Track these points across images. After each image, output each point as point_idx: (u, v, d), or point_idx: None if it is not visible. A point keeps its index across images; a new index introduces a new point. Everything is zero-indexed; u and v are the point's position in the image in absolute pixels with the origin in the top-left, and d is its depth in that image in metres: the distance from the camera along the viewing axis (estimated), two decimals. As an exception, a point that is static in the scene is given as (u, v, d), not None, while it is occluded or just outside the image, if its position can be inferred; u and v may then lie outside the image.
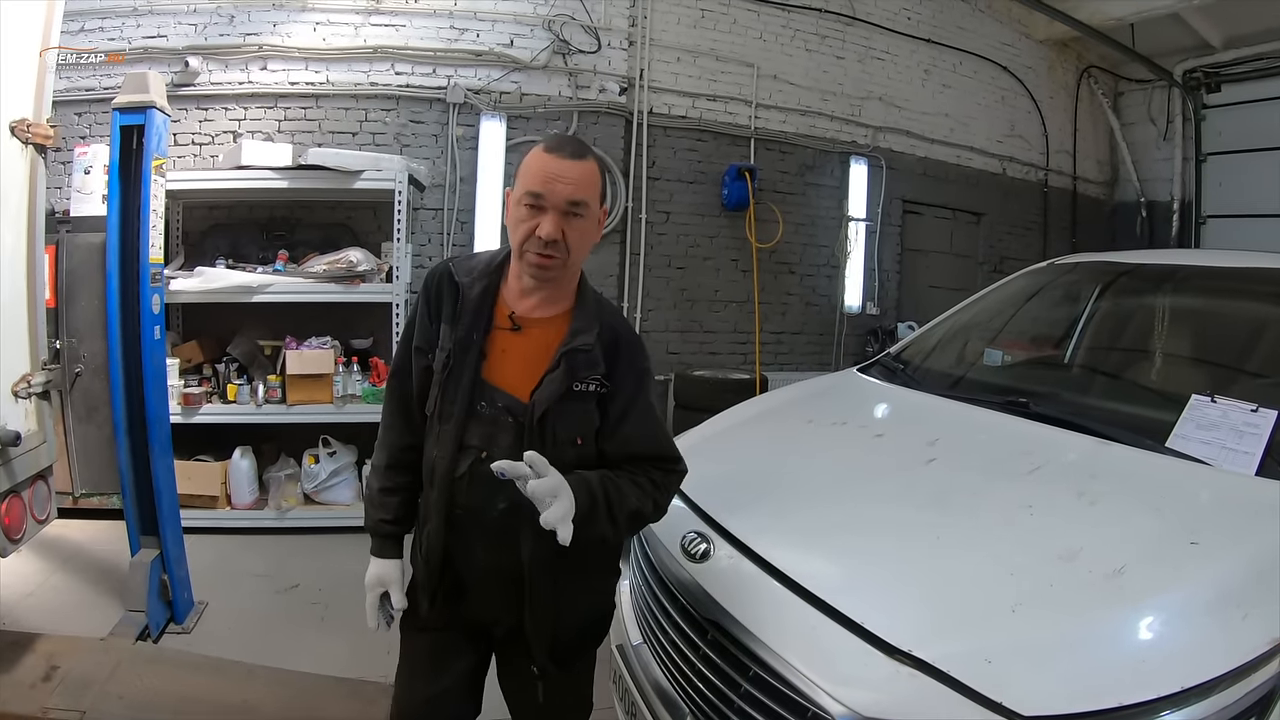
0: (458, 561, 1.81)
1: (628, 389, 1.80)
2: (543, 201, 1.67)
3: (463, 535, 1.79)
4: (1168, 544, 1.71)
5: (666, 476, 1.84)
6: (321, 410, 4.89)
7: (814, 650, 1.63)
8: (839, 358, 7.36)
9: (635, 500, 1.74)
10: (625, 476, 1.76)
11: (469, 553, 1.80)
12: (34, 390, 2.86)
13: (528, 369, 1.75)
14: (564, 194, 1.67)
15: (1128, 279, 3.33)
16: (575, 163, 1.69)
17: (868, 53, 7.40)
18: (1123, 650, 1.50)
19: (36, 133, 2.82)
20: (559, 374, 1.72)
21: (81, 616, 3.59)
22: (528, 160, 1.72)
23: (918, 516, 1.97)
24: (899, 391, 2.95)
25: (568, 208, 1.68)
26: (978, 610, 1.60)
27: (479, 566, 1.81)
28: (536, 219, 1.68)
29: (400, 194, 4.91)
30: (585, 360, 1.75)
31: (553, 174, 1.67)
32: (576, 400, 1.75)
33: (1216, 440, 2.08)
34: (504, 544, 1.75)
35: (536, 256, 1.70)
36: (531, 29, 5.98)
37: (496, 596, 1.82)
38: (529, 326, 1.79)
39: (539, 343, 1.77)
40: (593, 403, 1.77)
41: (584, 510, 1.63)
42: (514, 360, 1.77)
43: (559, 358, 1.73)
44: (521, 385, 1.74)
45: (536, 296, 1.79)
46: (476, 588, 1.84)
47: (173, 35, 5.49)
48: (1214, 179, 8.70)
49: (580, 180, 1.69)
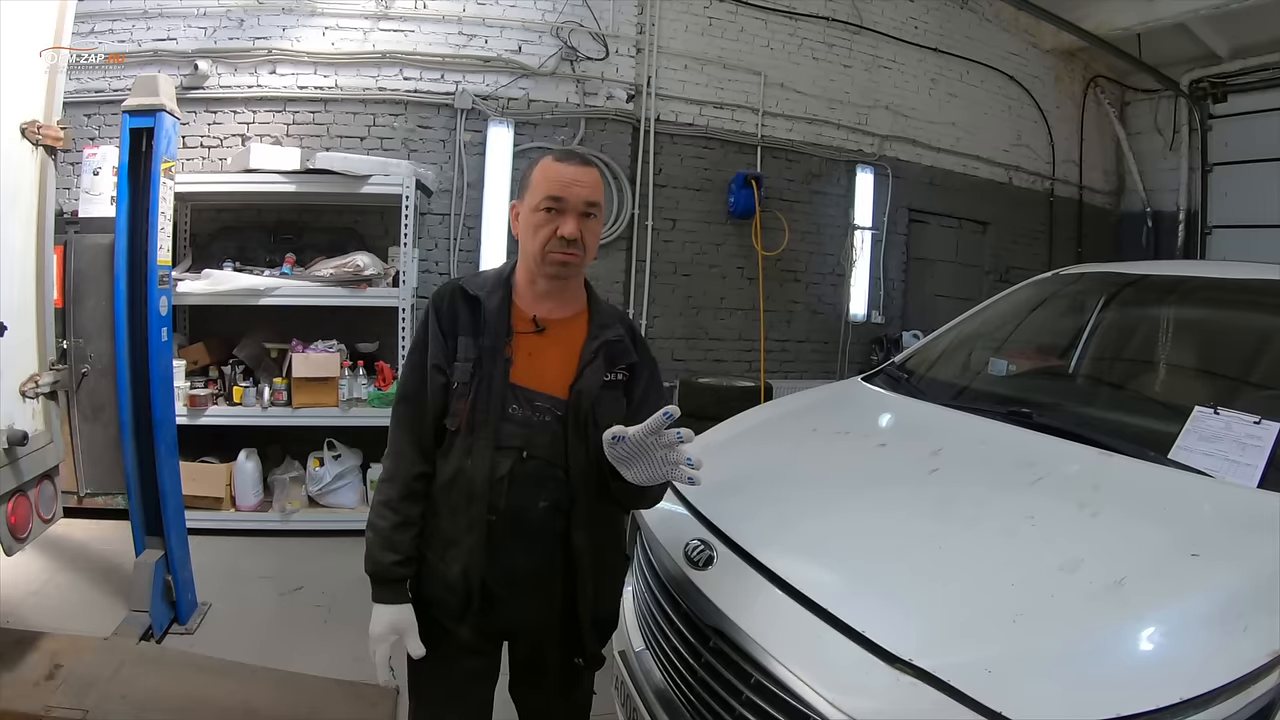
0: (489, 572, 1.81)
1: (645, 374, 1.96)
2: (563, 205, 1.80)
3: (499, 542, 1.79)
4: (1169, 556, 1.70)
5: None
6: (327, 413, 4.91)
7: (815, 658, 1.63)
8: (844, 366, 7.37)
9: None
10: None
11: (507, 558, 1.80)
12: (41, 390, 2.87)
13: (556, 367, 1.85)
14: (582, 195, 1.81)
15: (1133, 290, 3.32)
16: (586, 168, 1.84)
17: (875, 61, 7.43)
18: (1123, 661, 1.49)
19: (47, 134, 2.83)
20: (598, 365, 1.85)
21: (85, 616, 3.60)
22: (540, 171, 1.85)
23: (920, 526, 1.97)
24: (903, 401, 2.95)
25: (585, 208, 1.82)
26: (979, 620, 1.59)
27: (518, 571, 1.82)
28: (557, 221, 1.80)
29: (407, 199, 4.92)
30: (620, 350, 1.90)
31: (570, 179, 1.81)
32: (611, 389, 1.88)
33: (1219, 452, 2.06)
34: (545, 543, 1.82)
35: (560, 254, 1.81)
36: (540, 35, 6.01)
37: (535, 598, 1.85)
38: (551, 328, 1.88)
39: (561, 342, 1.88)
40: (621, 390, 1.90)
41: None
42: (543, 361, 1.86)
43: (596, 350, 1.86)
44: (555, 382, 1.84)
45: (551, 301, 1.90)
46: (512, 594, 1.84)
47: (183, 38, 5.54)
48: (1220, 189, 8.71)
49: (593, 184, 1.84)
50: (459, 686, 1.95)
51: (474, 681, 1.96)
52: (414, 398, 1.87)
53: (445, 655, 1.92)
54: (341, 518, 5.00)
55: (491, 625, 1.88)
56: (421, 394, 1.85)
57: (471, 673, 1.95)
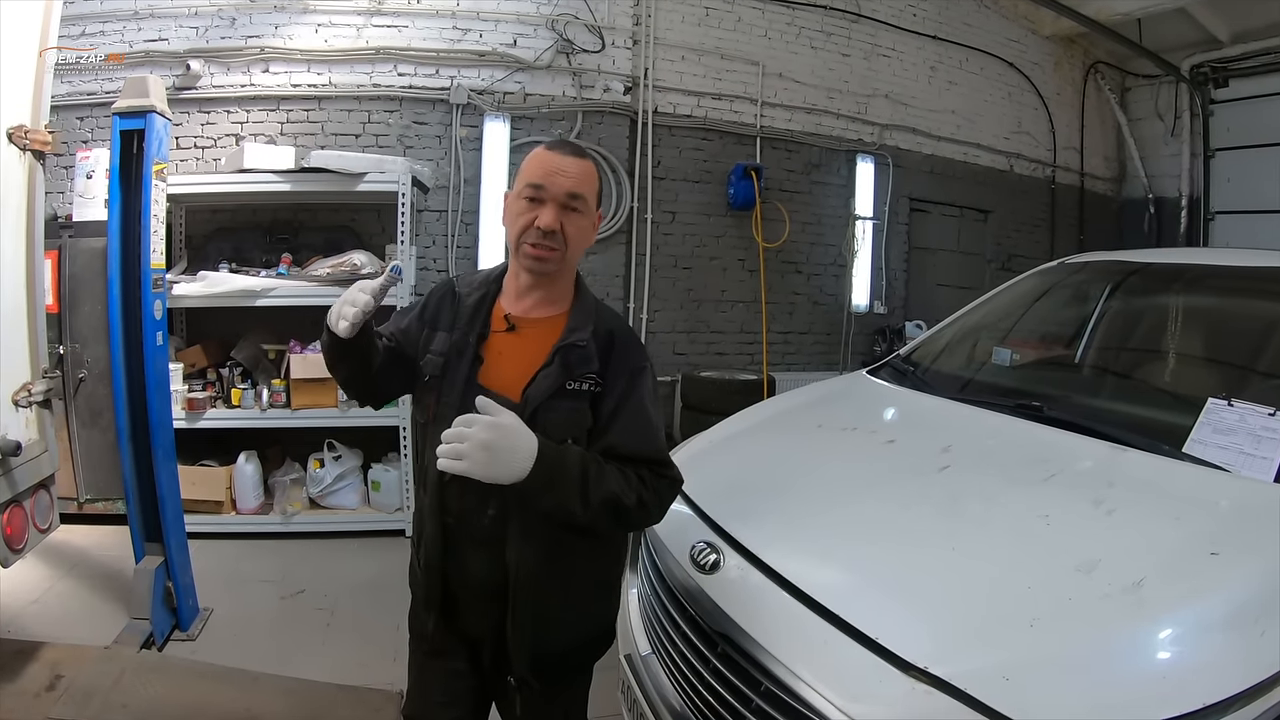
0: (450, 574, 1.80)
1: (619, 387, 1.75)
2: (543, 193, 1.69)
3: (455, 546, 1.77)
4: (1187, 555, 1.68)
5: (656, 479, 1.73)
6: (326, 414, 4.87)
7: (827, 665, 1.60)
8: (846, 357, 7.33)
9: (615, 485, 1.64)
10: (613, 465, 1.68)
11: (461, 564, 1.78)
12: (35, 399, 2.83)
13: (522, 369, 1.73)
14: (564, 186, 1.69)
15: (1141, 278, 3.29)
16: (575, 159, 1.73)
17: (873, 50, 7.37)
18: (1143, 666, 1.47)
19: (35, 139, 2.78)
20: (553, 370, 1.70)
21: (85, 624, 3.58)
22: (528, 159, 1.75)
23: (932, 526, 1.94)
24: (910, 395, 2.91)
25: (567, 200, 1.70)
26: (995, 625, 1.56)
27: (470, 578, 1.79)
28: (535, 211, 1.69)
29: (404, 196, 4.87)
30: (580, 356, 1.72)
31: (554, 167, 1.70)
32: (569, 398, 1.71)
33: (1234, 445, 2.04)
34: (493, 554, 1.73)
35: (533, 248, 1.70)
36: (535, 29, 5.96)
37: (485, 608, 1.79)
38: (525, 327, 1.78)
39: (535, 343, 1.75)
40: (586, 402, 1.73)
41: (551, 464, 1.56)
42: (509, 361, 1.75)
43: (553, 354, 1.71)
44: (515, 385, 1.71)
45: (533, 296, 1.79)
46: (467, 600, 1.81)
47: (174, 39, 5.49)
48: (1222, 174, 8.66)
49: (580, 175, 1.72)
50: (453, 685, 1.91)
51: (467, 682, 1.92)
52: (384, 332, 1.86)
53: (429, 650, 1.91)
54: (343, 519, 4.98)
55: (454, 626, 1.86)
56: (389, 333, 1.86)
57: (464, 673, 1.91)
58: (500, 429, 1.52)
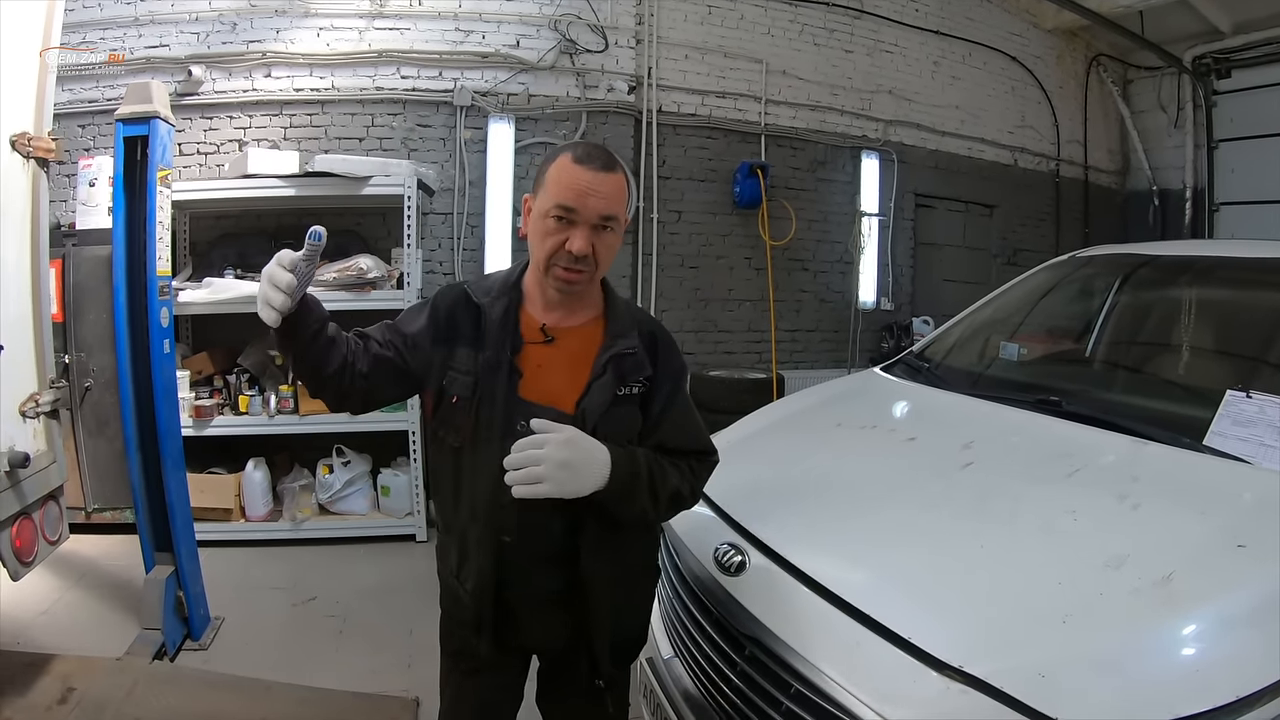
0: (509, 592, 1.75)
1: (666, 387, 1.77)
2: (575, 216, 1.62)
3: (515, 564, 1.72)
4: (1215, 548, 1.67)
5: (701, 464, 1.83)
6: (335, 420, 4.82)
7: (859, 666, 1.58)
8: (854, 354, 7.30)
9: (676, 480, 1.72)
10: (665, 458, 1.73)
11: (524, 581, 1.74)
12: (42, 409, 2.81)
13: (566, 379, 1.70)
14: (597, 209, 1.62)
15: (1153, 270, 3.26)
16: (607, 175, 1.64)
17: (876, 46, 7.34)
18: (1174, 661, 1.47)
19: (38, 146, 2.77)
20: (607, 380, 1.69)
21: (96, 635, 3.55)
22: (556, 170, 1.65)
23: (958, 524, 1.92)
24: (926, 391, 2.89)
25: (600, 222, 1.64)
26: (1028, 622, 1.54)
27: (535, 592, 1.76)
28: (566, 233, 1.63)
29: (409, 199, 4.86)
30: (633, 364, 1.72)
31: (585, 188, 1.61)
32: (623, 404, 1.71)
33: (1254, 437, 2.02)
34: (562, 565, 1.71)
35: (565, 271, 1.65)
36: (538, 29, 5.94)
37: (554, 619, 1.78)
38: (561, 337, 1.74)
39: (574, 352, 1.72)
40: (636, 405, 1.74)
41: (624, 469, 1.60)
42: (550, 373, 1.71)
43: (605, 363, 1.69)
44: (563, 396, 1.69)
45: (562, 309, 1.75)
46: (532, 614, 1.78)
47: (175, 45, 5.46)
48: (1226, 166, 8.61)
49: (613, 194, 1.64)
50: (492, 705, 1.91)
51: (506, 697, 1.93)
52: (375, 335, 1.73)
53: (469, 669, 1.88)
54: (353, 525, 4.97)
55: (513, 641, 1.82)
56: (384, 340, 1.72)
57: (503, 687, 1.91)
58: (574, 445, 1.53)
